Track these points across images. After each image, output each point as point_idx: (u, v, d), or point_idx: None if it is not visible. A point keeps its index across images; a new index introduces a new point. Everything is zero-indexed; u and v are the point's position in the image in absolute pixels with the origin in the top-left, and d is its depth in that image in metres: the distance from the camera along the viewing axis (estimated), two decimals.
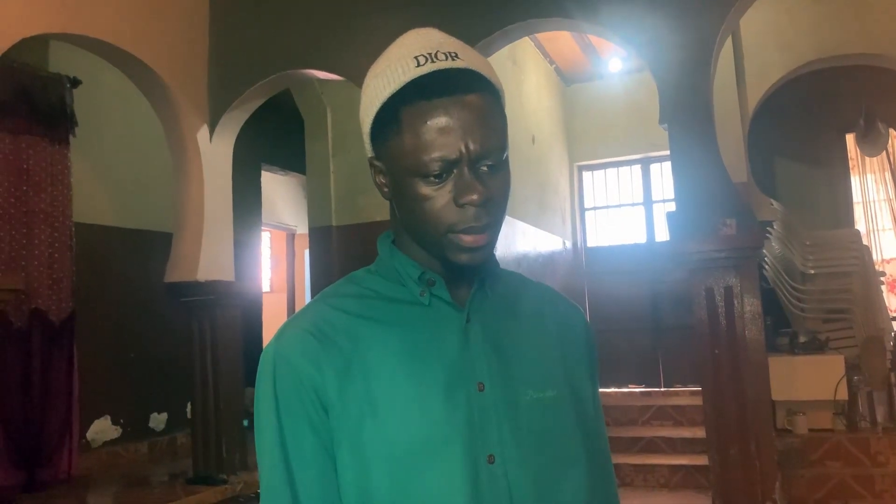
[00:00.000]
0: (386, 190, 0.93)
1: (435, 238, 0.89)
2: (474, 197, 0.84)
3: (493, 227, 0.88)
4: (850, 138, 6.78)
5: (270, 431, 0.89)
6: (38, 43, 4.51)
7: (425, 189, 0.86)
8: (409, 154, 0.85)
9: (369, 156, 0.93)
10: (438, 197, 0.86)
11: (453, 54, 0.85)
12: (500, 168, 0.88)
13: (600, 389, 1.07)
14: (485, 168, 0.86)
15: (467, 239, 0.86)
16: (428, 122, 0.84)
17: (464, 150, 0.84)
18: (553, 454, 0.90)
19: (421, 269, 0.93)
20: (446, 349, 0.90)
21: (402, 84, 0.84)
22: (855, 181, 7.03)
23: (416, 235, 0.92)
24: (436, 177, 0.85)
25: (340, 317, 0.92)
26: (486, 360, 0.90)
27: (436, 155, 0.84)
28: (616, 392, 6.66)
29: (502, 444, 0.87)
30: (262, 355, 0.94)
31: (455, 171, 0.85)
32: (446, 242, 0.88)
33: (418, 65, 0.84)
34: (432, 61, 0.84)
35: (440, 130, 0.84)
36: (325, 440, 0.87)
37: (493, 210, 0.87)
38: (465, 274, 0.93)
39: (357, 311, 0.92)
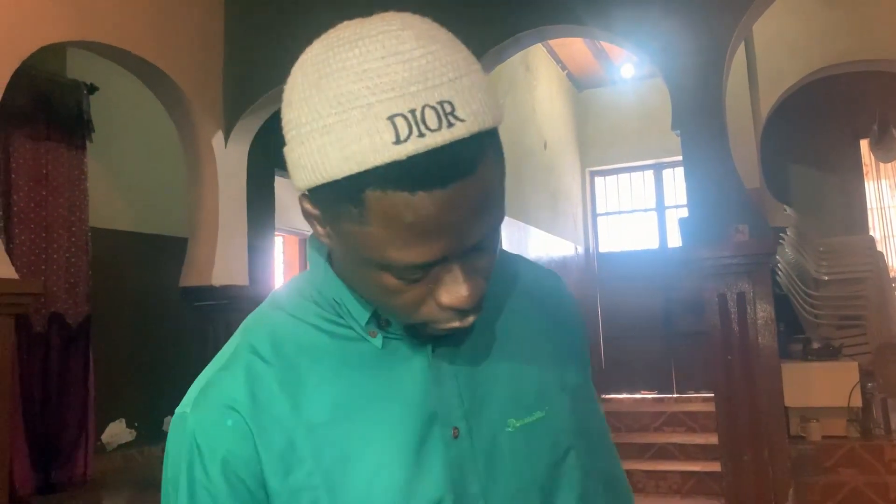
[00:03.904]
0: (326, 241, 0.69)
1: (402, 323, 0.72)
2: (463, 297, 0.65)
3: (480, 308, 0.70)
4: (864, 144, 6.74)
5: None
6: (57, 51, 4.57)
7: (393, 282, 0.65)
8: (374, 247, 0.62)
9: (299, 191, 0.66)
10: (412, 291, 0.66)
11: (448, 112, 0.58)
12: (493, 236, 0.67)
13: (612, 396, 0.96)
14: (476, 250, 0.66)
15: (449, 327, 0.69)
16: (407, 220, 0.59)
17: (455, 247, 0.63)
18: (542, 483, 0.77)
19: (370, 308, 0.73)
20: (410, 395, 0.73)
21: (369, 167, 0.58)
22: (869, 187, 7.00)
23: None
24: (410, 280, 0.65)
25: (271, 372, 0.72)
26: (458, 399, 0.74)
27: (416, 261, 0.62)
28: (628, 398, 6.65)
29: (486, 497, 0.73)
30: (174, 426, 0.74)
31: (437, 266, 0.64)
32: (419, 327, 0.71)
33: (397, 139, 0.57)
34: (419, 133, 0.57)
35: (425, 232, 0.60)
36: None
37: (482, 294, 0.68)
38: None
39: (292, 360, 0.73)
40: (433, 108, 0.57)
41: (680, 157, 3.74)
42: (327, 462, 0.69)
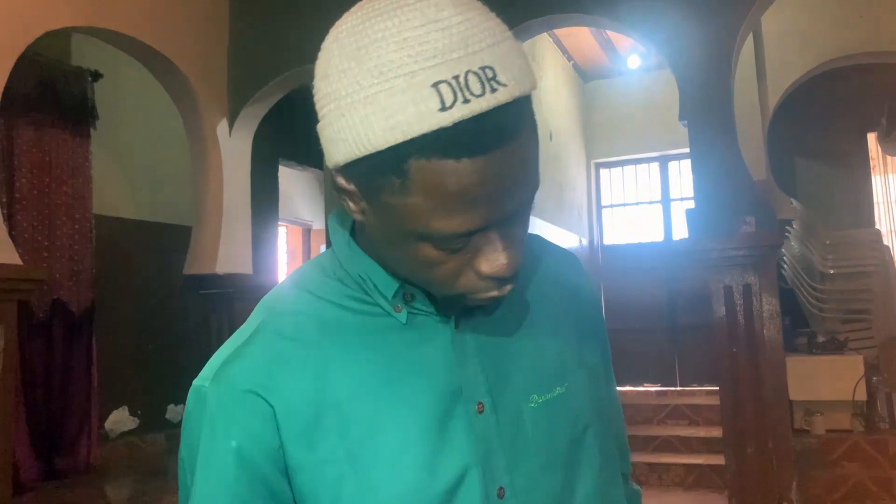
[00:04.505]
0: (360, 217, 0.68)
1: (439, 294, 0.71)
2: (503, 265, 0.65)
3: (518, 277, 0.69)
4: (871, 137, 6.71)
5: None
6: (61, 37, 4.55)
7: (434, 253, 0.65)
8: (416, 218, 0.62)
9: (332, 168, 0.66)
10: (451, 262, 0.65)
11: (490, 78, 0.58)
12: (529, 205, 0.68)
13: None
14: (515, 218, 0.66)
15: (488, 297, 0.69)
16: (451, 188, 0.59)
17: (496, 215, 0.63)
18: (564, 460, 0.77)
19: (396, 282, 0.73)
20: (434, 370, 0.73)
21: (415, 135, 0.57)
22: (876, 181, 6.96)
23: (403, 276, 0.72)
24: (451, 249, 0.65)
25: (295, 350, 0.72)
26: (482, 374, 0.74)
27: (459, 230, 0.62)
28: (631, 391, 6.64)
29: (511, 473, 0.73)
30: (192, 398, 0.74)
31: (478, 234, 0.64)
32: (456, 297, 0.70)
33: (442, 105, 0.56)
34: (464, 99, 0.57)
35: (468, 200, 0.60)
36: None
37: (520, 263, 0.67)
38: None
39: (315, 338, 0.72)
40: (476, 73, 0.57)
41: (686, 150, 3.72)
42: (352, 437, 0.69)
